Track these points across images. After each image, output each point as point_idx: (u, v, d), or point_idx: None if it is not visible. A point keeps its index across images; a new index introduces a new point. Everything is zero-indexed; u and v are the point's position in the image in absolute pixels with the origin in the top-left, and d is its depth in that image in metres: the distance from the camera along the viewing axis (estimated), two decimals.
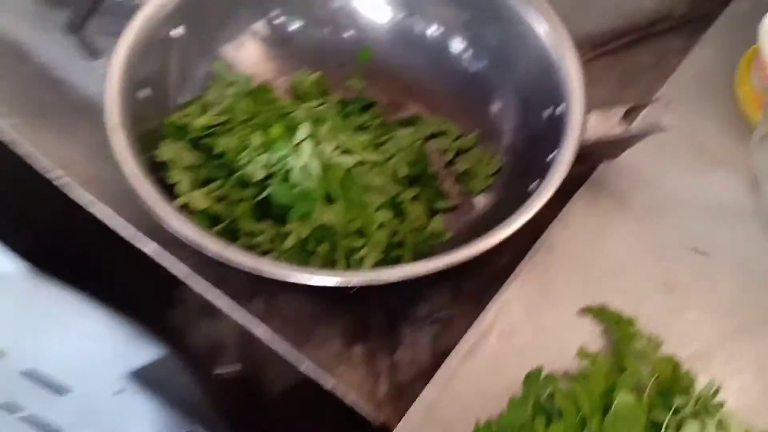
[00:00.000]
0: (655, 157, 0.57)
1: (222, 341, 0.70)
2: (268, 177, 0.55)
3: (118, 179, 0.48)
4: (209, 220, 0.53)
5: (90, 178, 0.58)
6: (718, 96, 0.62)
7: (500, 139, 0.63)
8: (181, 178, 0.55)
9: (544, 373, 0.46)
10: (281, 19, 0.67)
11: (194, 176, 0.56)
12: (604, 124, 0.52)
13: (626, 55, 0.67)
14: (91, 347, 0.60)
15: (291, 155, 0.54)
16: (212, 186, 0.56)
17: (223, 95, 0.63)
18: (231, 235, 0.53)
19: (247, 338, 0.52)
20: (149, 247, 0.55)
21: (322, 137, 0.56)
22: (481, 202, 0.61)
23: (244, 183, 0.55)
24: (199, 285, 0.53)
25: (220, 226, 0.53)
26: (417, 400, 0.47)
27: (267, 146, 0.55)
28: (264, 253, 0.53)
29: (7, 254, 0.57)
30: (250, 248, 0.53)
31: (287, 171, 0.54)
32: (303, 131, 0.55)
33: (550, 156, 0.53)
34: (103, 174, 0.58)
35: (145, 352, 0.61)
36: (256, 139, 0.55)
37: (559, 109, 0.55)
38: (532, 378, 0.46)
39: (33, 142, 0.58)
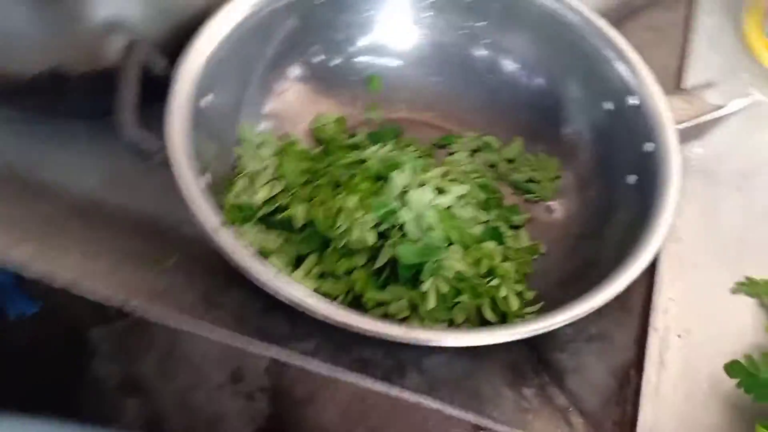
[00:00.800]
0: (732, 127, 0.59)
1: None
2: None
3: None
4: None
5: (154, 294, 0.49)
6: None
7: (563, 141, 0.61)
8: (280, 263, 0.48)
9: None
10: (300, 68, 0.61)
11: (286, 257, 0.50)
12: (692, 107, 0.53)
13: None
14: None
15: (399, 209, 0.49)
16: (308, 263, 0.50)
17: (258, 158, 0.56)
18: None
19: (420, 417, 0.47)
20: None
21: (413, 181, 0.52)
22: (557, 206, 0.60)
23: (347, 251, 0.50)
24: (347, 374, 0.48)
25: (341, 302, 0.48)
26: (639, 422, 0.45)
27: (366, 206, 0.50)
28: (402, 320, 0.48)
29: None
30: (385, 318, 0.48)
31: (401, 227, 0.49)
32: (400, 180, 0.51)
33: (646, 146, 0.52)
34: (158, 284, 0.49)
35: None
36: (351, 200, 0.50)
37: (632, 100, 0.54)
38: (734, 367, 0.47)
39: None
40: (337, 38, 0.63)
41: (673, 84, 0.63)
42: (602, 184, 0.57)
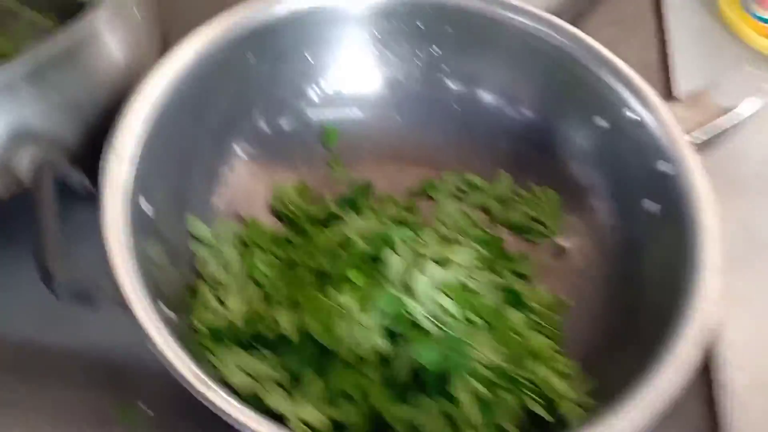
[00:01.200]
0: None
1: None
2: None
3: None
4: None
5: None
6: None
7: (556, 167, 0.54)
8: (277, 395, 0.39)
9: None
10: (246, 139, 0.51)
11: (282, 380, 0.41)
12: (696, 112, 0.46)
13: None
14: None
15: (408, 301, 0.41)
16: (309, 385, 0.41)
17: (218, 256, 0.47)
18: None
19: None
20: None
21: (408, 256, 0.44)
22: (567, 244, 0.52)
23: (348, 364, 0.41)
24: None
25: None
26: None
27: (365, 301, 0.41)
28: None
29: None
30: None
31: (412, 323, 0.41)
32: (396, 263, 0.42)
33: (659, 165, 0.46)
34: None
35: None
36: (346, 297, 0.41)
37: (630, 114, 0.48)
38: None
39: None
40: (281, 95, 0.54)
41: (662, 85, 0.56)
42: (616, 213, 0.50)
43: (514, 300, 0.46)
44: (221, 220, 0.49)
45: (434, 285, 0.42)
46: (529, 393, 0.40)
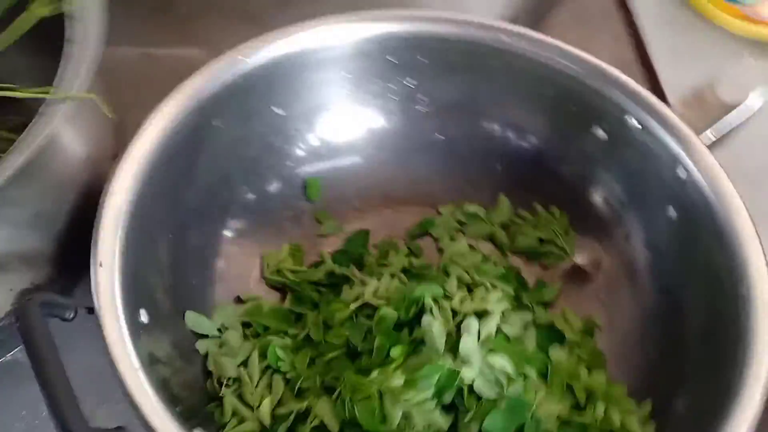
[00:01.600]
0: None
1: None
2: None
3: None
4: None
5: None
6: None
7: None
8: None
9: None
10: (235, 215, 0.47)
11: None
12: (703, 111, 0.45)
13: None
14: None
15: (459, 369, 0.37)
16: None
17: (229, 350, 0.43)
18: None
19: None
20: None
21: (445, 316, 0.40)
22: (583, 262, 0.50)
23: None
24: None
25: None
26: None
27: (412, 380, 0.37)
28: None
29: None
30: None
31: (470, 391, 0.38)
32: (435, 326, 0.39)
33: (678, 173, 0.44)
34: None
35: None
36: (391, 378, 0.37)
37: (631, 120, 0.46)
38: None
39: None
40: (257, 156, 0.50)
41: (649, 83, 0.54)
42: (635, 223, 0.48)
43: (555, 338, 0.43)
44: (221, 306, 0.45)
45: (482, 343, 0.39)
46: None
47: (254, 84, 0.47)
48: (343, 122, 0.52)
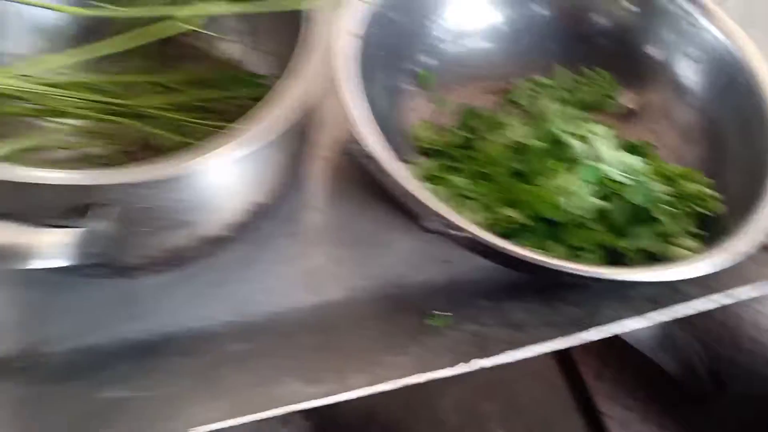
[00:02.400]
0: None
1: None
2: None
3: None
4: None
5: None
6: None
7: None
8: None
9: None
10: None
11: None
12: None
13: None
14: None
15: (603, 167, 0.56)
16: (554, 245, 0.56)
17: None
18: None
19: None
20: None
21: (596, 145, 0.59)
22: (634, 105, 0.70)
23: (577, 225, 0.56)
24: None
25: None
26: None
27: (572, 178, 0.56)
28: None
29: None
30: None
31: (612, 181, 0.56)
32: (579, 144, 0.57)
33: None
34: None
35: None
36: (562, 179, 0.55)
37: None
38: None
39: None
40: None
41: None
42: (670, 71, 0.67)
43: (638, 152, 0.62)
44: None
45: (610, 150, 0.57)
46: (694, 202, 0.58)
47: None
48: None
